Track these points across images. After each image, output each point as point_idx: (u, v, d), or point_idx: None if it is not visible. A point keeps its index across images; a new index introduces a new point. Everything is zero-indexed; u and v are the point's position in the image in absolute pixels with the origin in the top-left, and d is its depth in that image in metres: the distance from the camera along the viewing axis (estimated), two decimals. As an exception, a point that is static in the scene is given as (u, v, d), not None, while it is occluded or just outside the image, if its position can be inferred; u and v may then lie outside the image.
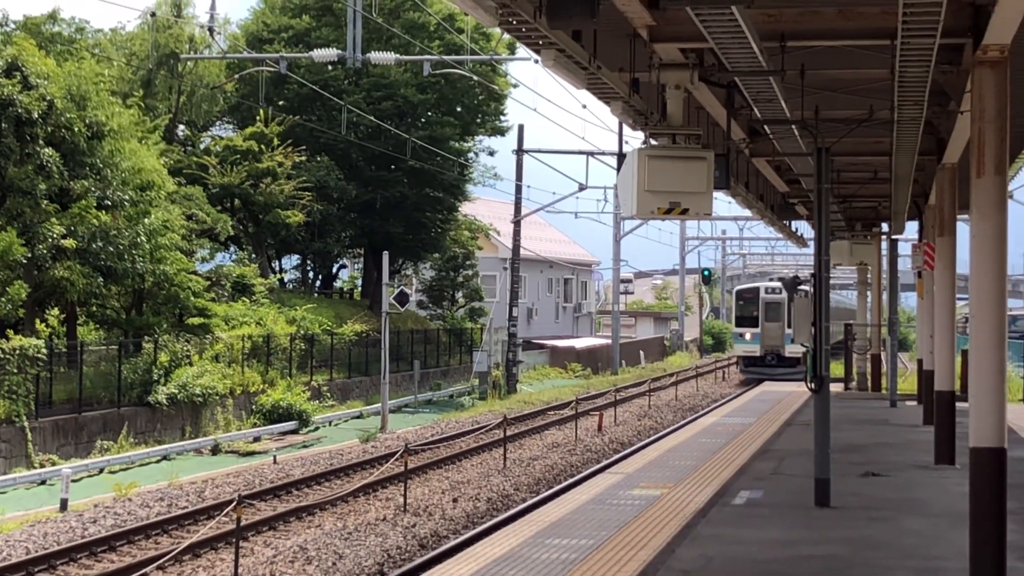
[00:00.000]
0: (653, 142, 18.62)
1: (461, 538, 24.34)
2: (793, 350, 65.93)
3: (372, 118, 59.65)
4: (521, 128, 66.89)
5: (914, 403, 37.93)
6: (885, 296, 50.63)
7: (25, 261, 38.23)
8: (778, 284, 71.49)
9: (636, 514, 17.61)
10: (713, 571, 14.04)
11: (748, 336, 69.35)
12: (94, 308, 44.45)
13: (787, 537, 16.19)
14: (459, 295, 76.00)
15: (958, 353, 31.64)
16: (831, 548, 15.46)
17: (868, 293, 53.26)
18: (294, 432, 45.48)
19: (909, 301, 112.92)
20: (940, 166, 24.56)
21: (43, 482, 33.04)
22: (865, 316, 52.13)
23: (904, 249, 47.38)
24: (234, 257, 66.31)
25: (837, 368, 49.82)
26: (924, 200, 33.02)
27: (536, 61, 16.51)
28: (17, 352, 36.12)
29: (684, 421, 45.70)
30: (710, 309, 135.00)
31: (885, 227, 45.15)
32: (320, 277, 72.48)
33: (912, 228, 43.40)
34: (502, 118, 70.19)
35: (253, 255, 64.50)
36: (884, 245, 47.07)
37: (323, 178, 62.20)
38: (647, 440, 38.56)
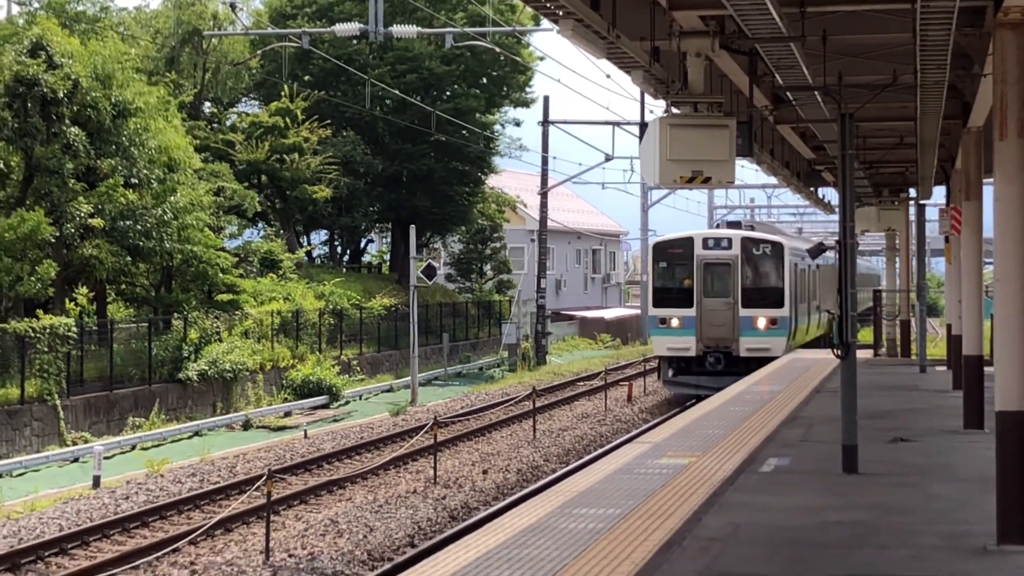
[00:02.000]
0: (675, 111, 18.59)
1: (490, 509, 24.42)
2: (755, 344, 42.13)
3: (397, 92, 59.63)
4: (547, 99, 66.76)
5: (944, 368, 37.83)
6: (915, 262, 49.96)
7: (53, 240, 38.38)
8: (728, 234, 43.85)
9: (663, 483, 17.63)
10: (740, 539, 14.06)
11: (675, 322, 42.22)
12: (123, 286, 44.63)
13: (815, 504, 16.18)
14: (487, 268, 76.05)
15: (987, 317, 31.58)
16: (859, 514, 15.45)
17: (896, 259, 53.05)
18: (324, 407, 45.63)
19: (939, 266, 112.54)
20: (965, 130, 24.45)
21: (76, 460, 33.24)
22: (894, 282, 51.96)
23: (932, 214, 47.23)
24: (262, 233, 66.46)
25: (866, 335, 49.54)
26: (951, 164, 32.87)
27: (556, 31, 16.48)
28: (48, 331, 36.30)
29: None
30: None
31: (913, 192, 44.95)
32: (348, 252, 72.58)
33: (940, 193, 43.30)
34: (527, 90, 70.08)
35: (281, 231, 64.61)
36: (912, 210, 46.87)
37: (349, 153, 62.25)
38: (674, 410, 38.57)
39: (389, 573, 19.67)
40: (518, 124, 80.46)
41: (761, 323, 42.04)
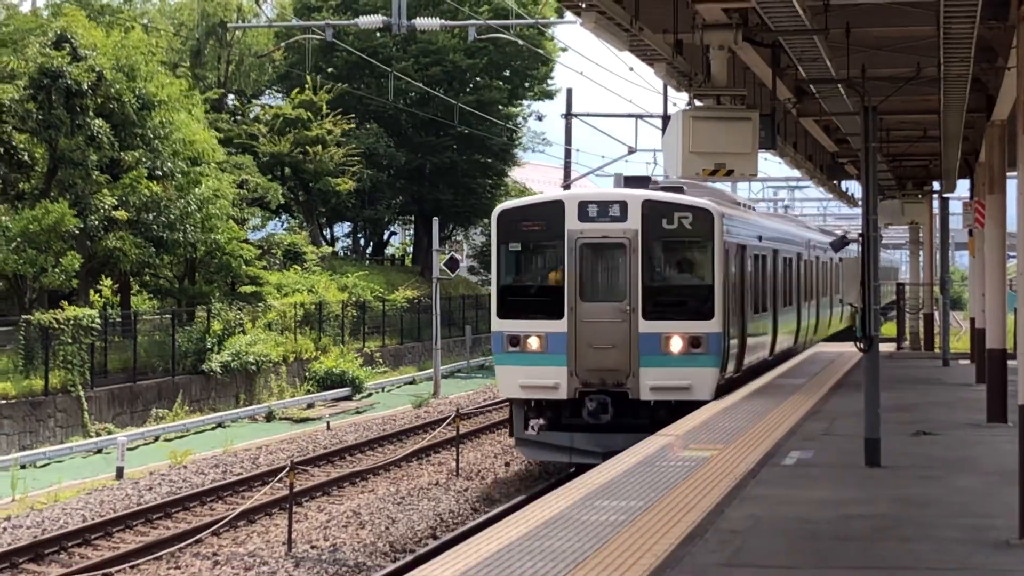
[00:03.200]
0: (698, 103, 18.58)
1: (512, 501, 24.44)
2: (665, 381, 26.12)
3: (420, 84, 59.66)
4: (570, 92, 66.66)
5: (967, 362, 37.70)
6: (938, 255, 49.66)
7: (78, 232, 38.51)
8: (621, 196, 26.94)
9: (685, 476, 17.62)
10: (762, 531, 14.04)
11: (533, 343, 26.43)
12: (147, 278, 44.79)
13: (837, 497, 16.15)
14: (510, 260, 76.03)
15: (1011, 311, 31.46)
16: (881, 507, 15.42)
17: (920, 252, 52.93)
18: (347, 398, 45.72)
19: (963, 260, 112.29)
20: (989, 123, 24.36)
21: (99, 451, 33.37)
22: (917, 275, 51.84)
23: (956, 207, 47.09)
24: (285, 225, 66.61)
25: (889, 328, 49.38)
26: (975, 158, 32.77)
27: (579, 24, 16.49)
28: (72, 322, 36.43)
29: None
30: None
31: (936, 185, 44.82)
32: (371, 244, 72.65)
33: (964, 186, 43.16)
34: (550, 82, 70.07)
35: (304, 223, 64.71)
36: (935, 204, 46.75)
37: (372, 145, 62.31)
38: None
39: (411, 564, 19.72)
40: (540, 118, 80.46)
41: (675, 345, 26.02)
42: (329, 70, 64.73)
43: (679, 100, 74.57)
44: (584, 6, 14.93)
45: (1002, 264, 24.68)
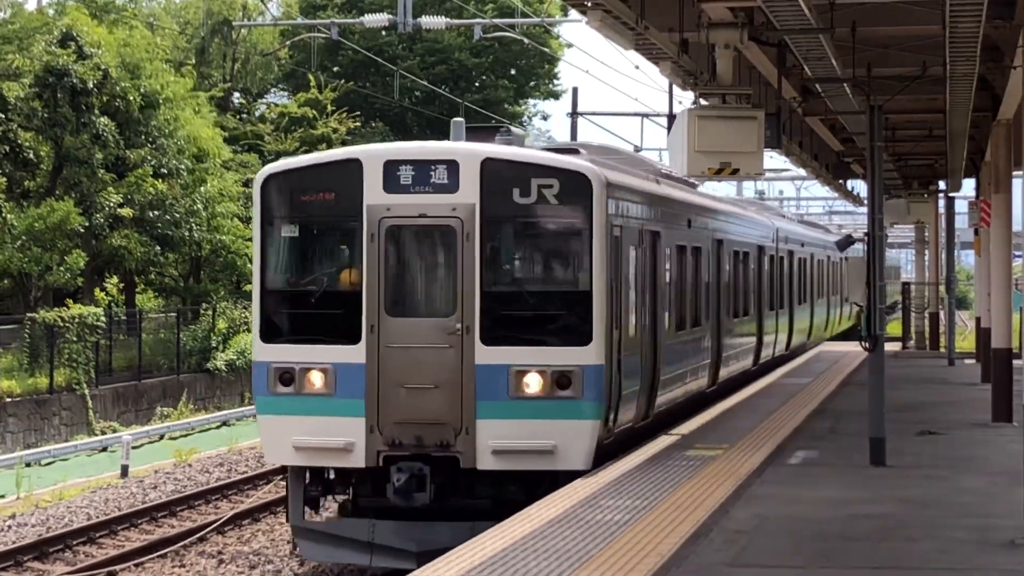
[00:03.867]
0: (703, 102, 18.56)
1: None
2: (513, 441, 17.37)
3: (426, 83, 59.67)
4: (575, 91, 66.54)
5: (973, 361, 37.68)
6: (944, 255, 49.55)
7: (83, 230, 38.53)
8: (449, 152, 18.14)
9: (691, 475, 17.60)
10: (767, 531, 14.03)
11: (316, 381, 17.77)
12: (152, 276, 44.84)
13: (842, 496, 16.14)
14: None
15: (1016, 310, 31.42)
16: (886, 507, 15.40)
17: (926, 251, 52.89)
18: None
19: (969, 259, 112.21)
20: (995, 122, 24.36)
21: (104, 449, 33.38)
22: (923, 275, 51.80)
23: (962, 207, 47.05)
24: (290, 224, 66.59)
25: (894, 327, 49.31)
26: (980, 157, 32.74)
27: (585, 22, 16.49)
28: (77, 321, 36.45)
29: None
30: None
31: (942, 185, 44.77)
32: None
33: (969, 185, 43.10)
34: (555, 81, 70.08)
35: (309, 222, 64.74)
36: (941, 203, 46.70)
37: (378, 144, 62.35)
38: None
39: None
40: (545, 118, 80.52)
41: (532, 384, 17.79)
42: (335, 69, 64.76)
43: (685, 99, 74.24)
44: (590, 5, 14.92)
45: (1008, 263, 24.66)
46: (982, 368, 32.05)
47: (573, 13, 31.87)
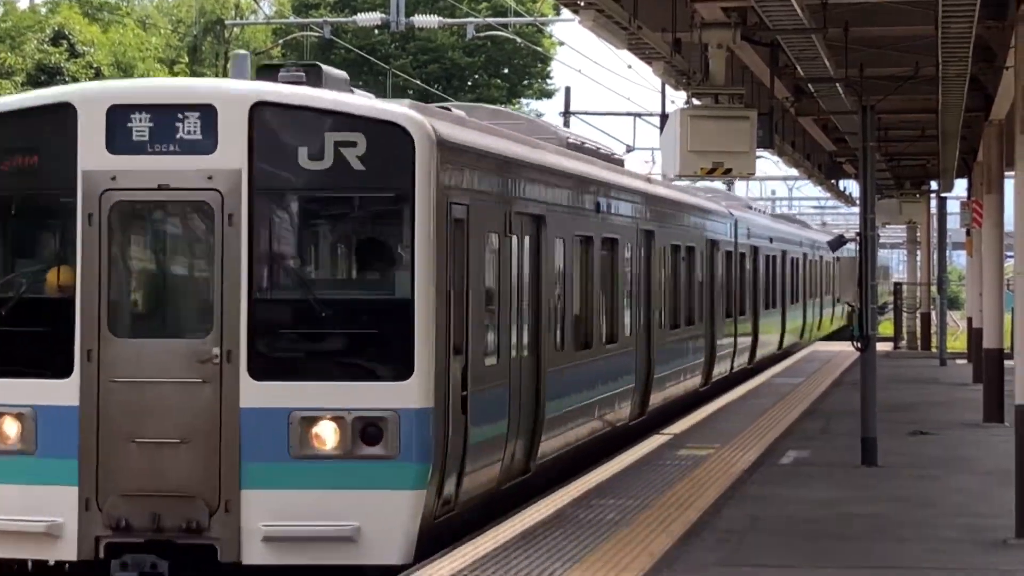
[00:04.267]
0: (696, 102, 18.58)
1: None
2: (300, 524, 12.04)
3: (419, 82, 59.67)
4: (568, 90, 66.70)
5: (964, 361, 37.76)
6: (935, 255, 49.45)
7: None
8: (209, 92, 12.90)
9: (683, 475, 17.63)
10: (759, 531, 14.06)
11: (10, 433, 12.40)
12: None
13: (834, 496, 16.18)
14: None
15: (1008, 311, 31.51)
16: (878, 507, 15.44)
17: (918, 251, 52.96)
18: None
19: (960, 259, 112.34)
20: (987, 122, 24.40)
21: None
22: (915, 275, 51.88)
23: (954, 207, 47.12)
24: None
25: (886, 327, 49.37)
26: (973, 157, 32.78)
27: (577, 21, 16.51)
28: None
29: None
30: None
31: (934, 185, 44.84)
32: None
33: (961, 186, 43.19)
34: (548, 80, 70.11)
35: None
36: (933, 203, 46.77)
37: (370, 143, 62.34)
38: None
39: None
40: (539, 116, 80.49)
41: (325, 436, 12.31)
42: (327, 67, 64.81)
43: (677, 99, 73.88)
44: (582, 4, 14.93)
45: (999, 264, 24.76)
46: (973, 368, 32.12)
47: (566, 12, 31.95)
